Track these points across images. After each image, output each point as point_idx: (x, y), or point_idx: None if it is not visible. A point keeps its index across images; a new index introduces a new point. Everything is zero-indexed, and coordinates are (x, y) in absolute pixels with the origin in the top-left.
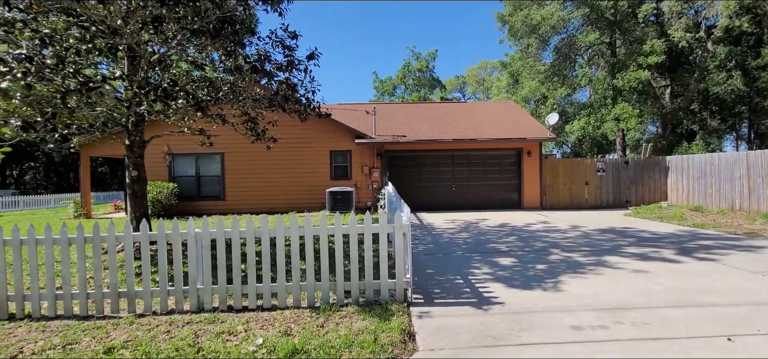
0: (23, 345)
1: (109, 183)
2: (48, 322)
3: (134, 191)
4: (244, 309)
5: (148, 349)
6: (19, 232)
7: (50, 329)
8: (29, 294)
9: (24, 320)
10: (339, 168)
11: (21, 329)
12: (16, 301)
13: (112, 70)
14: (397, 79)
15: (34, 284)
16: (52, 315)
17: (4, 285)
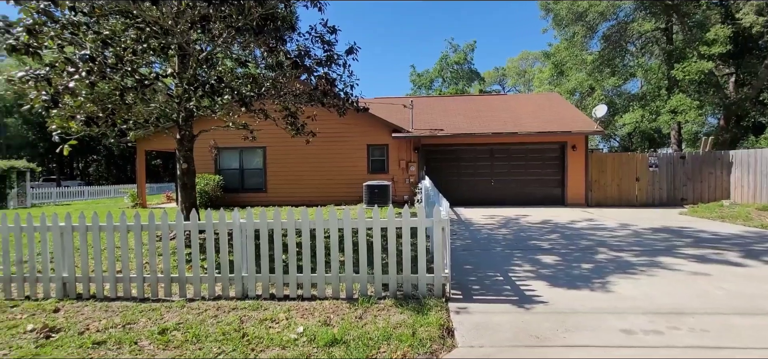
0: (89, 322)
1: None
2: (110, 303)
3: (184, 182)
4: (286, 298)
5: (197, 332)
6: (85, 220)
7: (112, 309)
8: (93, 276)
9: (89, 300)
10: (376, 162)
11: (87, 308)
12: (83, 282)
13: (164, 68)
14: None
15: (98, 267)
16: (113, 296)
17: (73, 268)
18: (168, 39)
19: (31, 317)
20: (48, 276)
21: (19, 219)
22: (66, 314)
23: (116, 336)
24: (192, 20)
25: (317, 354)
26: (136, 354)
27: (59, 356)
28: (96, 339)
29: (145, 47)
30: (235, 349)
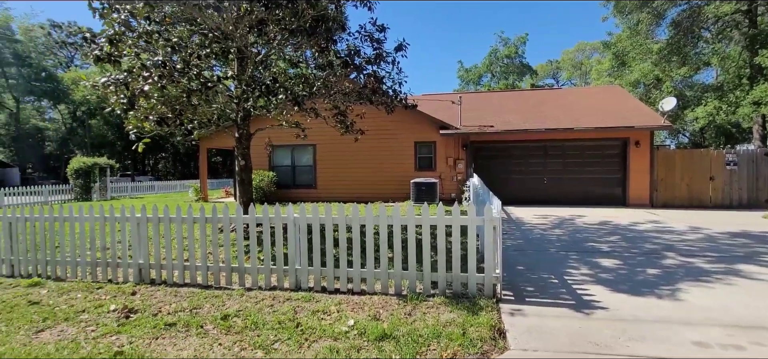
0: (161, 305)
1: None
2: (178, 288)
3: (242, 178)
4: (336, 291)
5: (256, 319)
6: (157, 212)
7: (180, 294)
8: (164, 263)
9: (161, 285)
10: (423, 159)
11: (159, 292)
12: (155, 269)
13: (225, 71)
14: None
15: (168, 255)
16: (181, 283)
17: (147, 255)
18: (228, 43)
19: (113, 298)
20: (126, 262)
21: (103, 210)
22: (142, 297)
23: (184, 320)
24: (250, 24)
25: (368, 347)
26: (202, 337)
27: (137, 334)
28: (167, 321)
29: (208, 52)
30: (290, 338)
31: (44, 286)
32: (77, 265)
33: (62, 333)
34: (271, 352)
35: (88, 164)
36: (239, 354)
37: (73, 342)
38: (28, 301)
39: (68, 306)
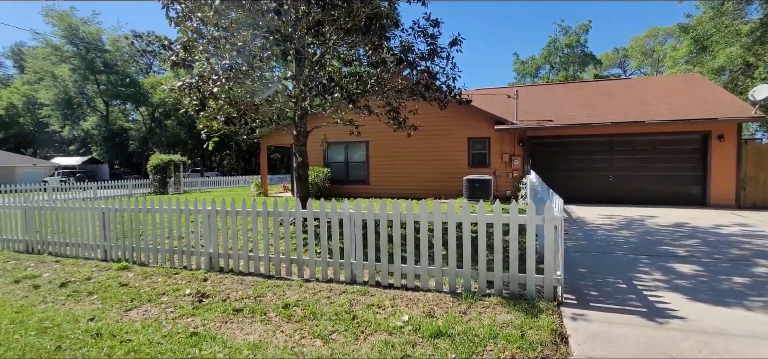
0: (229, 292)
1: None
2: (243, 277)
3: (299, 174)
4: (390, 286)
5: (314, 310)
6: (225, 205)
7: (245, 283)
8: (231, 253)
9: (228, 273)
10: (477, 156)
11: (227, 279)
12: (223, 258)
13: (284, 72)
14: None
15: (235, 246)
16: (245, 272)
17: (216, 245)
18: (287, 45)
19: (187, 283)
20: (199, 251)
21: (179, 203)
22: (212, 283)
23: (250, 306)
24: (307, 26)
25: (423, 343)
26: (265, 324)
27: (209, 318)
28: (235, 307)
29: (269, 54)
30: (347, 330)
31: (131, 270)
32: (158, 252)
33: (146, 312)
34: (330, 342)
35: (165, 160)
36: (300, 342)
37: (155, 321)
38: (118, 283)
39: (151, 289)
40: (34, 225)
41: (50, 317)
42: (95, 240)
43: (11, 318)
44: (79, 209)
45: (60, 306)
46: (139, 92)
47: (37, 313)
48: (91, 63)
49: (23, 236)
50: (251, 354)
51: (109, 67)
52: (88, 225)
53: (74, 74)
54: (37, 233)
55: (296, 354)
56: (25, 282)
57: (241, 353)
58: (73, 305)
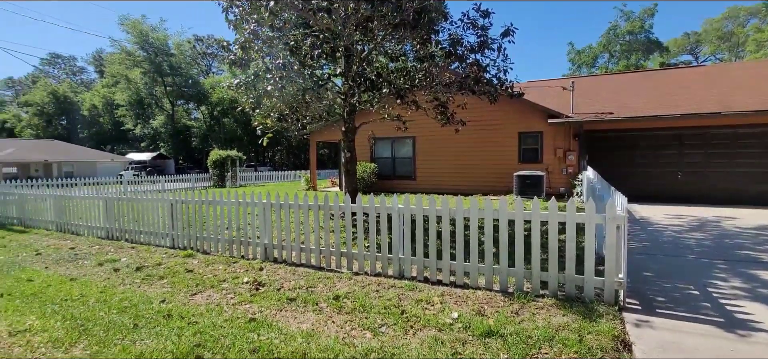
0: (283, 281)
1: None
2: (296, 268)
3: (347, 169)
4: (438, 283)
5: (363, 303)
6: (279, 198)
7: (297, 273)
8: (284, 244)
9: (281, 263)
10: (528, 151)
11: (281, 270)
12: (277, 249)
13: (333, 69)
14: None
15: (288, 238)
16: (297, 263)
17: (271, 236)
18: (337, 42)
19: (245, 272)
20: (255, 241)
21: (237, 196)
22: (267, 273)
23: (303, 296)
24: (356, 23)
25: (473, 342)
26: (317, 313)
27: (265, 305)
28: (289, 296)
29: (320, 52)
30: (396, 324)
31: (195, 257)
32: (218, 241)
33: (210, 297)
34: (379, 335)
35: (223, 156)
36: (350, 333)
37: (218, 306)
38: (185, 269)
39: (213, 276)
40: (113, 214)
41: (128, 297)
42: (164, 229)
43: (97, 297)
44: (150, 200)
45: (136, 287)
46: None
47: (118, 293)
48: (158, 66)
49: (104, 224)
50: (305, 342)
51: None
52: (159, 215)
53: (145, 77)
54: (116, 221)
55: (347, 344)
56: (107, 265)
57: (296, 340)
58: (146, 287)
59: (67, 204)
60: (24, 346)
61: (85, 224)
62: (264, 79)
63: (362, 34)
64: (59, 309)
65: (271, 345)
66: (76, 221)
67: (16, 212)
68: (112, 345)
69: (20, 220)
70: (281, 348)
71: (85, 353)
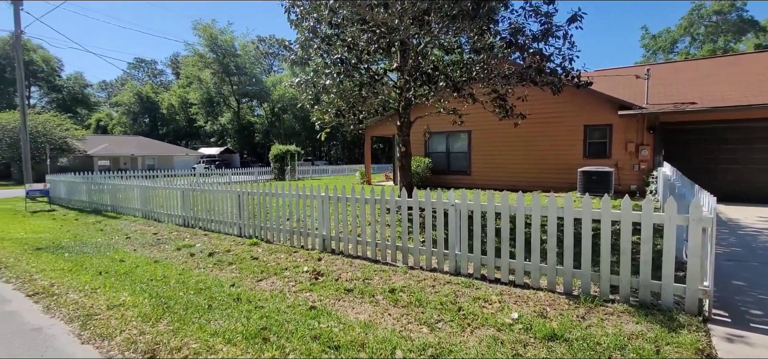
0: (340, 272)
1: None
2: (352, 259)
3: (402, 164)
4: (496, 281)
5: (419, 297)
6: (337, 192)
7: (354, 265)
8: (342, 237)
9: (338, 255)
10: (595, 145)
11: (338, 261)
12: (335, 241)
13: (388, 64)
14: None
15: (345, 230)
16: (354, 255)
17: (329, 228)
18: (392, 36)
19: (305, 261)
20: (314, 233)
21: (298, 189)
22: (325, 263)
23: (359, 287)
24: (413, 16)
25: (535, 344)
26: (374, 305)
27: (324, 294)
28: (346, 286)
29: (376, 47)
30: (453, 320)
31: (260, 246)
32: (280, 231)
33: (273, 284)
34: (436, 330)
35: (283, 151)
36: (406, 327)
37: (281, 293)
38: (250, 256)
39: (275, 264)
40: (189, 204)
41: (203, 280)
42: (232, 218)
43: (176, 278)
44: (220, 192)
45: (209, 272)
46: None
47: (194, 276)
48: (226, 67)
49: (182, 212)
50: (363, 332)
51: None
52: (227, 206)
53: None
54: (191, 210)
55: (404, 337)
56: (183, 249)
57: (354, 330)
58: (218, 272)
59: (151, 194)
60: (119, 319)
61: (166, 212)
62: (322, 75)
63: (418, 27)
64: (146, 287)
65: (331, 332)
66: (157, 210)
67: (109, 200)
68: (190, 323)
69: (113, 207)
70: (340, 337)
71: (168, 328)
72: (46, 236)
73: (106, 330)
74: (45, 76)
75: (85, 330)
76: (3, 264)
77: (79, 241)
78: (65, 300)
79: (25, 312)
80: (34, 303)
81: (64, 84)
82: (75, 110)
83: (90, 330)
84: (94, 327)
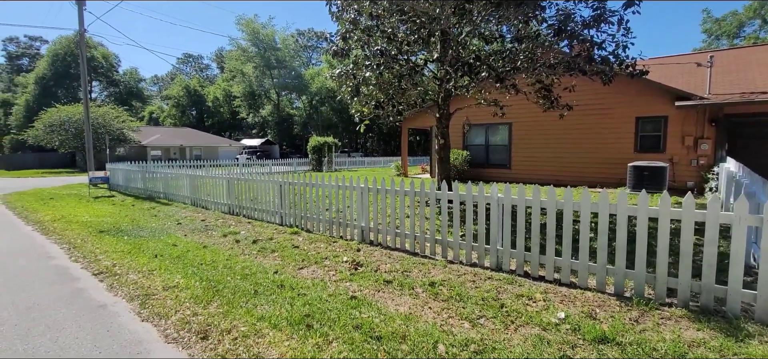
0: (379, 264)
1: (416, 150)
2: (390, 251)
3: (441, 156)
4: (540, 279)
5: (460, 292)
6: (375, 183)
7: (392, 257)
8: (380, 228)
9: (377, 246)
10: (647, 138)
11: (377, 252)
12: (373, 232)
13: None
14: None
15: (383, 222)
16: (393, 247)
17: (368, 220)
18: (433, 26)
19: (344, 251)
20: (353, 224)
21: (337, 180)
22: (364, 254)
23: (398, 280)
24: (454, 5)
25: (584, 346)
26: (413, 297)
27: (364, 285)
28: (385, 278)
29: (416, 38)
30: (495, 317)
31: (300, 235)
32: (320, 221)
33: (314, 272)
34: (478, 326)
35: (321, 142)
36: (448, 321)
37: (322, 282)
38: (291, 245)
39: (315, 253)
40: (234, 193)
41: (248, 266)
42: (274, 208)
43: (224, 263)
44: (263, 181)
45: (253, 258)
46: (302, 83)
47: (240, 262)
48: (267, 60)
49: (227, 200)
50: (404, 324)
51: (280, 62)
52: (270, 195)
53: (256, 71)
54: (236, 199)
55: (445, 332)
56: (229, 236)
57: (395, 322)
58: (262, 259)
59: (199, 183)
60: (174, 299)
61: (212, 200)
62: (363, 66)
63: (459, 16)
64: (197, 271)
65: (372, 323)
66: (205, 197)
67: (161, 187)
68: (238, 307)
69: (165, 194)
70: (381, 328)
71: (218, 310)
72: (108, 220)
73: (162, 309)
74: (104, 71)
75: (144, 308)
76: (72, 245)
77: (136, 225)
78: (126, 280)
79: (92, 289)
80: (99, 282)
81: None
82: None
83: (148, 308)
84: (152, 306)
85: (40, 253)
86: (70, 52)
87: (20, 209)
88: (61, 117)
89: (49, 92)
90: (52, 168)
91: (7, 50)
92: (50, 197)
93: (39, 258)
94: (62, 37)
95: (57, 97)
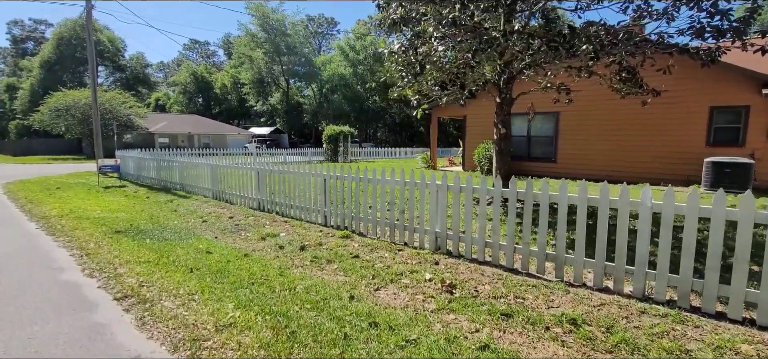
0: (476, 285)
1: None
2: (477, 265)
3: (500, 148)
4: (720, 316)
5: (625, 337)
6: (425, 178)
7: (485, 274)
8: (463, 236)
9: (455, 257)
10: (722, 131)
11: (461, 266)
12: (452, 240)
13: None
14: None
15: (468, 229)
16: (481, 260)
17: (444, 225)
18: None
19: (419, 264)
20: (423, 229)
21: (403, 176)
22: (447, 268)
23: (518, 311)
24: None
25: None
26: (557, 344)
27: (478, 320)
28: (498, 308)
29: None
30: None
31: (353, 239)
32: (377, 224)
33: (395, 296)
34: None
35: (337, 131)
36: None
37: (416, 314)
38: (348, 253)
39: (382, 265)
40: (265, 186)
41: (312, 287)
42: (316, 205)
43: (278, 280)
44: (302, 174)
45: (309, 271)
46: (312, 71)
47: (297, 278)
48: (277, 46)
49: (256, 195)
50: None
51: (290, 49)
52: (311, 191)
53: (265, 57)
54: (267, 193)
55: None
56: (269, 239)
57: None
58: (318, 272)
59: (222, 174)
60: (236, 349)
61: (238, 193)
62: (434, 39)
63: None
64: (252, 295)
65: None
66: (228, 190)
67: (178, 177)
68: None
69: (181, 185)
70: None
71: None
72: (122, 215)
73: None
74: (110, 56)
75: None
76: (85, 251)
77: (156, 224)
78: (161, 311)
79: (115, 324)
80: (124, 312)
81: (127, 64)
82: (137, 88)
83: None
84: None
85: (45, 262)
86: (76, 36)
87: (24, 200)
88: (67, 102)
89: (54, 76)
90: (59, 155)
91: (11, 33)
92: (57, 187)
93: (44, 269)
94: (68, 20)
95: (62, 81)
